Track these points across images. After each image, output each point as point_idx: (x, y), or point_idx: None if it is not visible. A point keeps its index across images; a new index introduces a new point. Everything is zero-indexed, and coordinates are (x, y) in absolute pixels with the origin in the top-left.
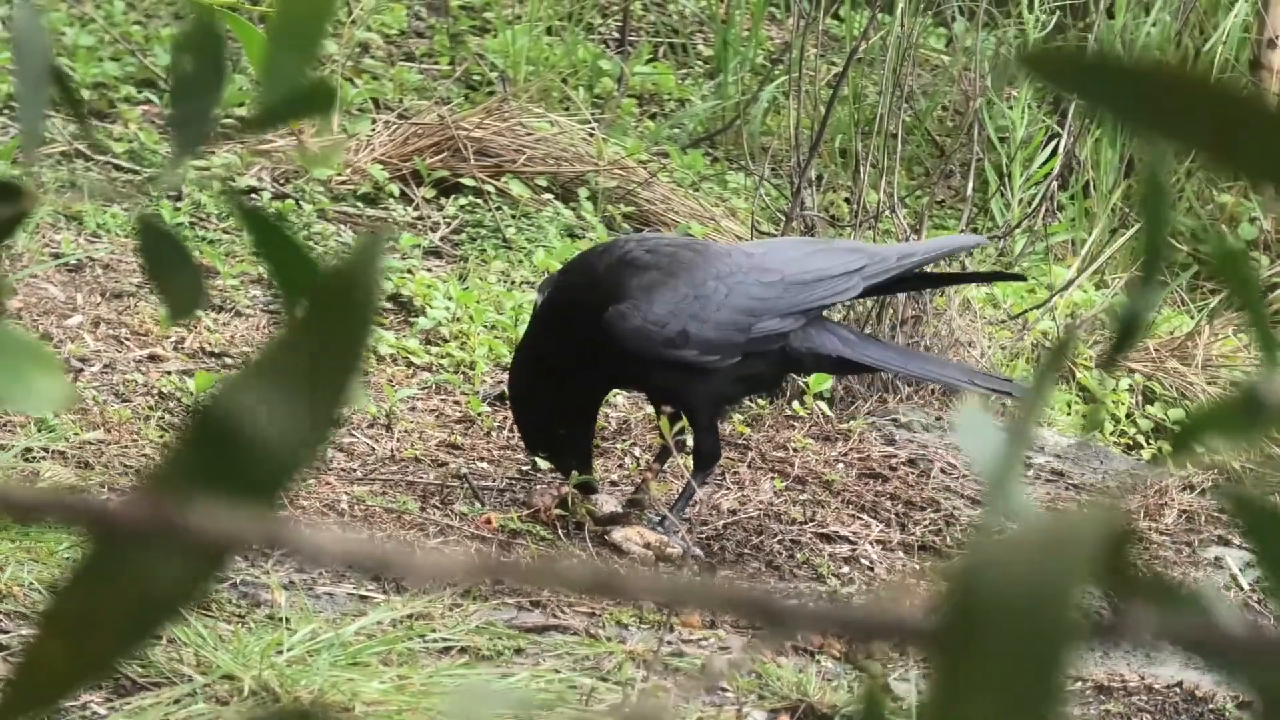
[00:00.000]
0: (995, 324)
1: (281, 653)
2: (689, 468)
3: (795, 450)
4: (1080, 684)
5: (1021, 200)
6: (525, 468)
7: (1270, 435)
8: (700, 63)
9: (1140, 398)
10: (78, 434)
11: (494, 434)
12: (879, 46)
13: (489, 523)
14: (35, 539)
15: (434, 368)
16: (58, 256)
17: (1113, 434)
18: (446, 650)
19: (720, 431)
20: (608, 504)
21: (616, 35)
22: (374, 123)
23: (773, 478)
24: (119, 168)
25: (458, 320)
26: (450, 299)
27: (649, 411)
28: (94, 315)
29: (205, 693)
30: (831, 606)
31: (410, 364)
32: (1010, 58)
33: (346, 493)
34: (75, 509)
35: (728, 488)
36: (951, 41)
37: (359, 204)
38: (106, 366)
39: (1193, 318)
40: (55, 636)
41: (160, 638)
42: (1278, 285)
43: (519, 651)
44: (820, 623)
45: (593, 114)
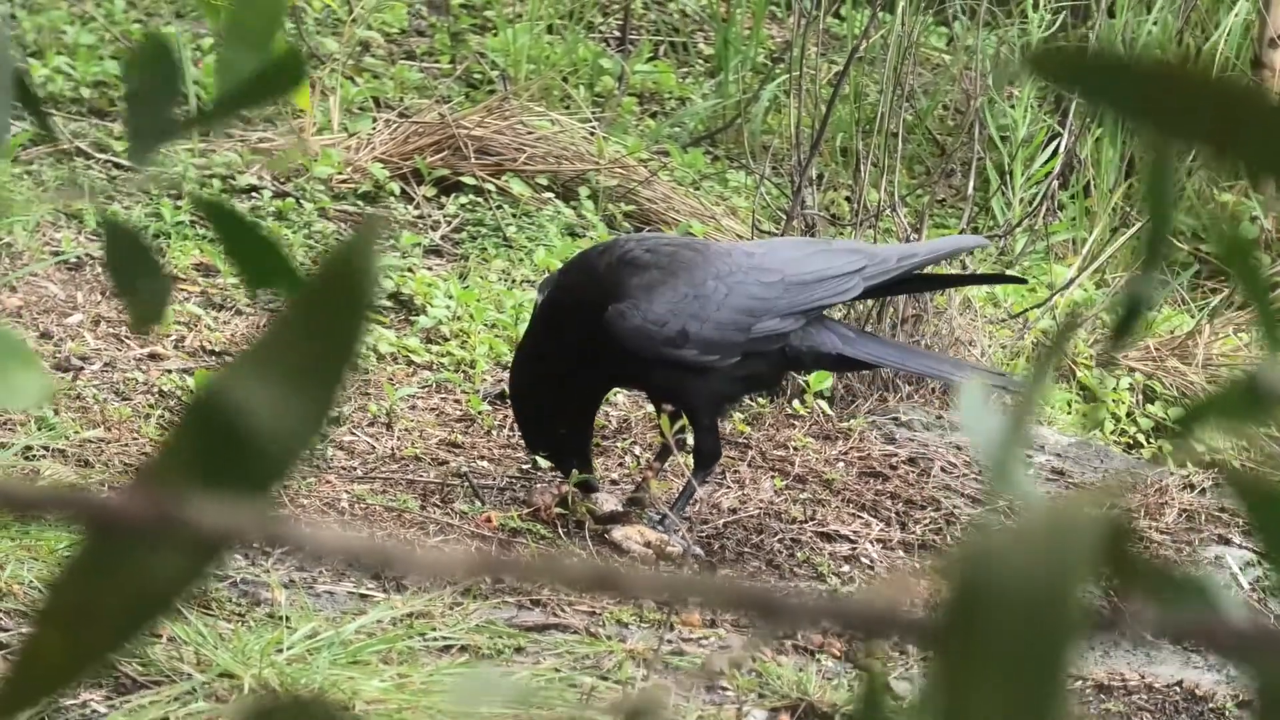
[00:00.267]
0: (996, 323)
1: (281, 651)
2: (689, 466)
3: (795, 449)
4: (1080, 683)
5: (1022, 199)
6: (525, 466)
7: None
8: (701, 61)
9: (1141, 397)
10: (78, 432)
11: (494, 433)
12: (880, 45)
13: (489, 521)
14: (35, 537)
15: (434, 366)
16: (58, 254)
17: (1113, 433)
18: (447, 649)
19: (720, 430)
20: (608, 503)
21: (617, 34)
22: (375, 121)
23: (773, 476)
24: (119, 166)
25: (458, 319)
26: (451, 297)
27: (649, 410)
28: (94, 313)
29: (205, 691)
30: (831, 601)
31: (411, 362)
32: (1012, 57)
33: (347, 491)
34: (71, 503)
35: (728, 486)
36: (952, 40)
37: (360, 202)
38: (107, 365)
39: (1193, 317)
40: (52, 631)
41: (158, 634)
42: (1279, 285)
43: (519, 650)
44: (819, 616)
45: (593, 113)
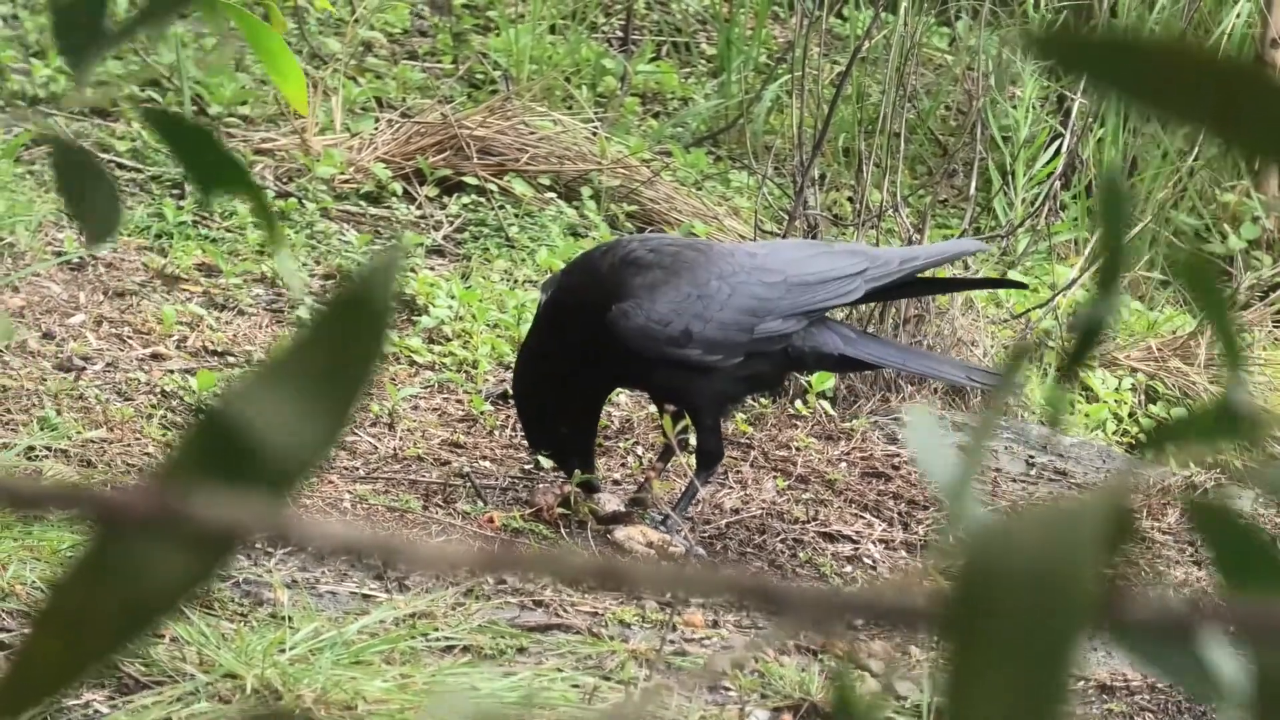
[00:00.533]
0: (998, 323)
1: (284, 651)
2: (691, 466)
3: (798, 449)
4: (1083, 683)
5: (1024, 199)
6: (528, 467)
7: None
8: (703, 61)
9: (1143, 397)
10: (80, 432)
11: (496, 433)
12: (882, 45)
13: (491, 521)
14: (38, 538)
15: (437, 366)
16: (60, 255)
17: (1115, 433)
18: (449, 649)
19: (723, 430)
20: (610, 503)
21: (620, 34)
22: (377, 121)
23: (775, 477)
24: (122, 166)
25: (460, 319)
26: (453, 298)
27: (651, 410)
28: (96, 314)
29: (208, 691)
30: (835, 592)
31: (413, 363)
32: (1013, 57)
33: (349, 491)
34: (75, 501)
35: (730, 487)
36: (955, 41)
37: (362, 203)
38: (109, 365)
39: (1195, 317)
40: (52, 631)
41: (161, 634)
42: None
43: (522, 650)
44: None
45: (596, 113)
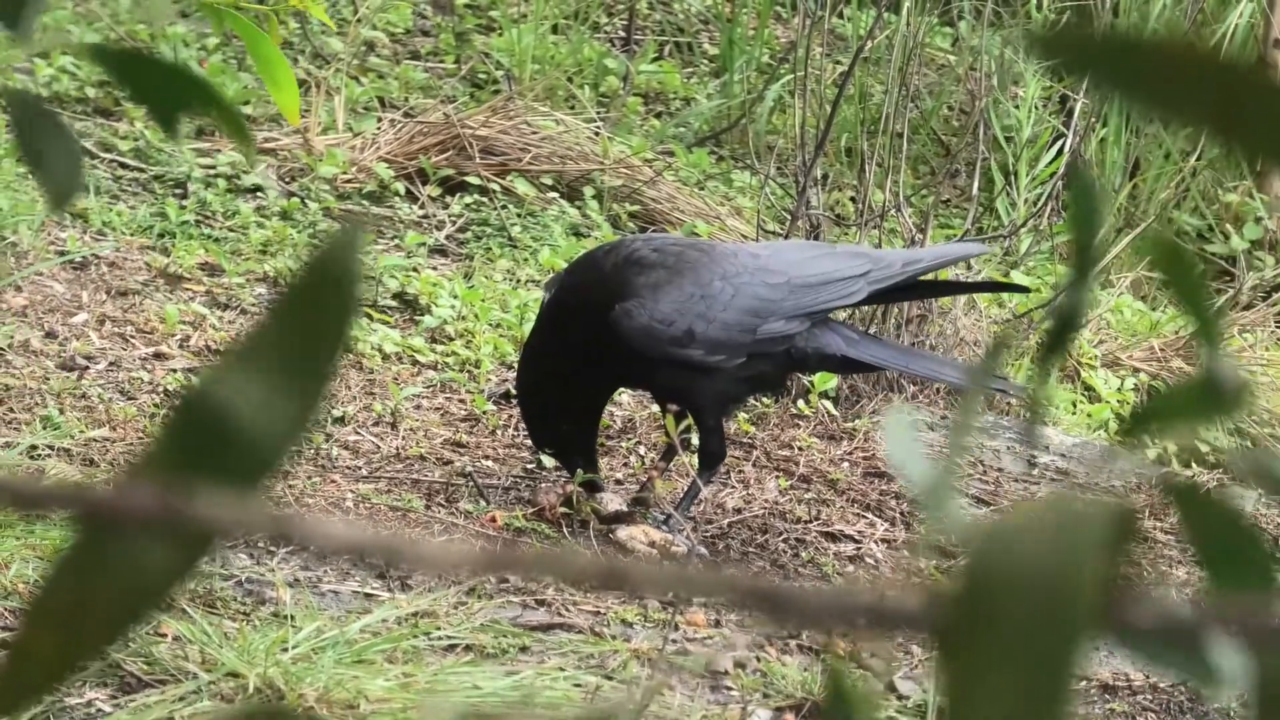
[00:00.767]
0: (1000, 323)
1: (286, 650)
2: (694, 466)
3: (800, 449)
4: (1085, 683)
5: (1027, 199)
6: (530, 466)
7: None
8: (706, 61)
9: (1145, 397)
10: (83, 431)
11: (499, 432)
12: (885, 45)
13: (494, 521)
14: (40, 536)
15: (439, 366)
16: (63, 254)
17: (1117, 433)
18: (451, 648)
19: (725, 430)
20: (613, 502)
21: (622, 34)
22: (379, 121)
23: (778, 476)
24: (124, 165)
25: (463, 318)
26: (455, 297)
27: (654, 410)
28: (99, 313)
29: (210, 690)
30: (837, 594)
31: (416, 362)
32: (1015, 56)
33: (352, 491)
34: (76, 501)
35: (733, 486)
36: (957, 40)
37: (365, 202)
38: (112, 364)
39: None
40: (45, 626)
41: (163, 633)
42: None
43: (524, 649)
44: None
45: (598, 112)
